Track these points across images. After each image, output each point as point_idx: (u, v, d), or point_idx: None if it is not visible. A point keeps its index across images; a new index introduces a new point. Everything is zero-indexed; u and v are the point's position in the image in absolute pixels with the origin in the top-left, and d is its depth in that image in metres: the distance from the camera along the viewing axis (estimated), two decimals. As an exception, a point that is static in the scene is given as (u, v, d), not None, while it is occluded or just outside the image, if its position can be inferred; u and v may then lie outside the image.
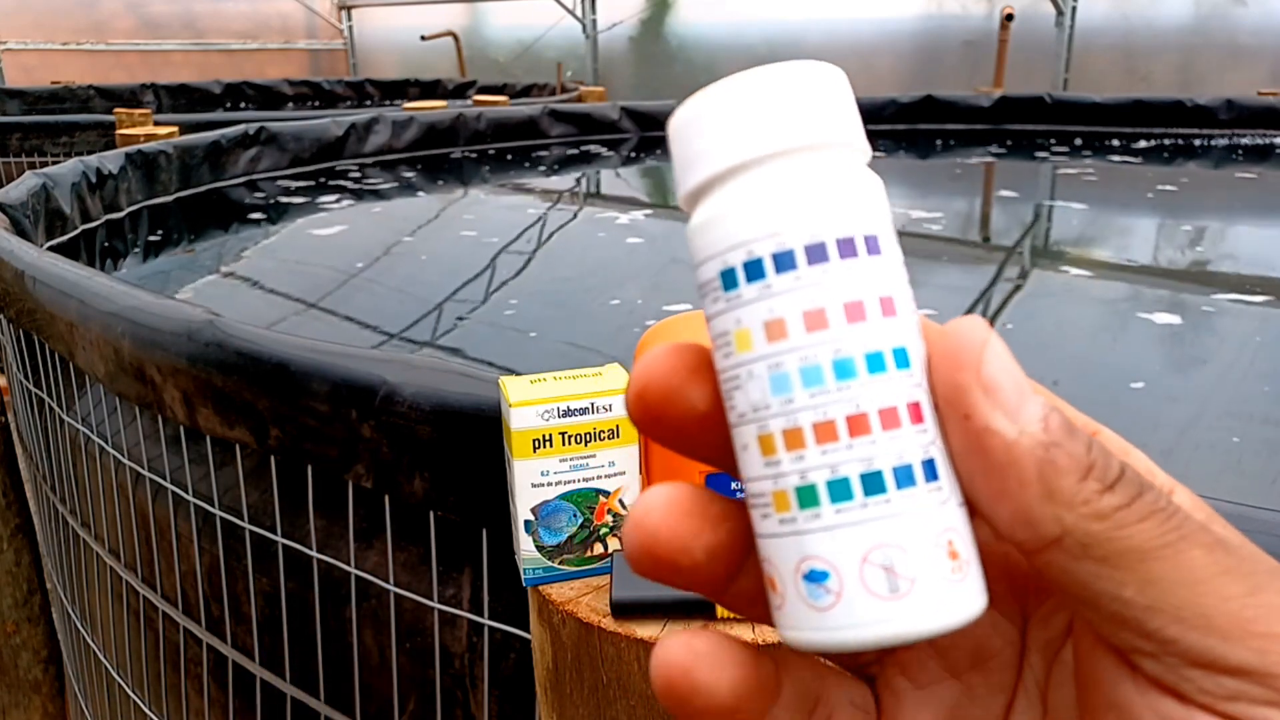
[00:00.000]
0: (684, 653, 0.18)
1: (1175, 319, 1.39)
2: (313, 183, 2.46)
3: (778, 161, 0.18)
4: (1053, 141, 3.13)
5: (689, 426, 0.19)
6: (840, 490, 0.17)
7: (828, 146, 0.18)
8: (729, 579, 0.20)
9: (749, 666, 0.19)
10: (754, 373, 0.18)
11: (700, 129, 0.19)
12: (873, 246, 0.18)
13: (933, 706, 0.21)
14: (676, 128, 0.19)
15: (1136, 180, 2.53)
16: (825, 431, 0.17)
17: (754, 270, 0.18)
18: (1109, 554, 0.16)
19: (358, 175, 2.58)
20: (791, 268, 0.18)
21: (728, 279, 0.18)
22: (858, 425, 0.17)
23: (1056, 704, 0.20)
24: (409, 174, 2.65)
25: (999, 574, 0.21)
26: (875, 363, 0.17)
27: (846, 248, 0.18)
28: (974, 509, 0.18)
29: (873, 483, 0.17)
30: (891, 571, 0.17)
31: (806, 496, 0.18)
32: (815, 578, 0.18)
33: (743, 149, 0.18)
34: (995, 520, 0.17)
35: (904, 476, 0.17)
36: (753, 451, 0.18)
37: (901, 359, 0.18)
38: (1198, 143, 3.06)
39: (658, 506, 0.19)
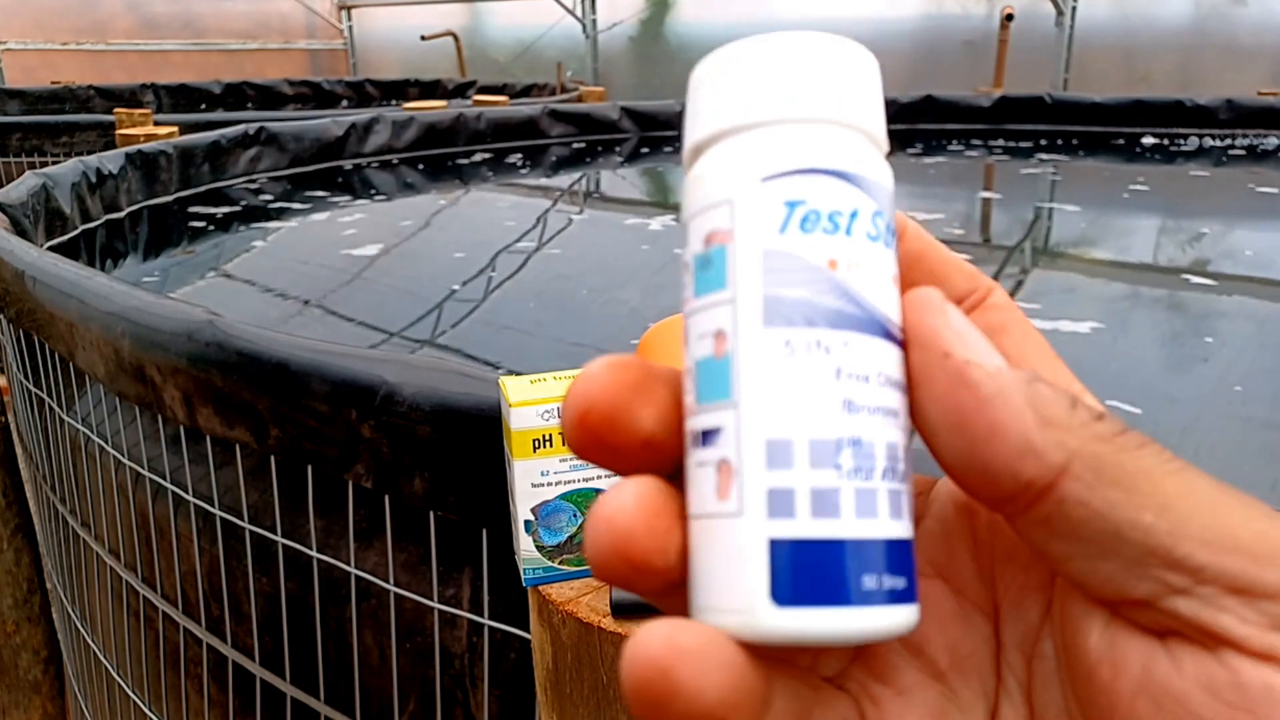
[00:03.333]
0: (665, 648, 0.15)
1: (1175, 319, 1.39)
2: (313, 183, 2.46)
3: (790, 127, 0.18)
4: (1056, 142, 3.13)
5: (635, 449, 0.18)
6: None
7: (837, 125, 0.18)
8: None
9: (740, 670, 0.16)
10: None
11: (717, 86, 0.19)
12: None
13: (917, 712, 0.19)
14: (696, 79, 0.19)
15: (1136, 180, 2.53)
16: None
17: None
18: (1122, 476, 0.15)
19: (358, 175, 2.58)
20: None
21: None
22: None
23: (1043, 704, 0.19)
24: (409, 174, 2.65)
25: (965, 557, 0.20)
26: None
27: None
28: (958, 471, 0.17)
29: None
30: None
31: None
32: None
33: (750, 112, 0.18)
34: (990, 464, 0.16)
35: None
36: None
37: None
38: (1194, 142, 3.06)
39: (629, 504, 0.17)
